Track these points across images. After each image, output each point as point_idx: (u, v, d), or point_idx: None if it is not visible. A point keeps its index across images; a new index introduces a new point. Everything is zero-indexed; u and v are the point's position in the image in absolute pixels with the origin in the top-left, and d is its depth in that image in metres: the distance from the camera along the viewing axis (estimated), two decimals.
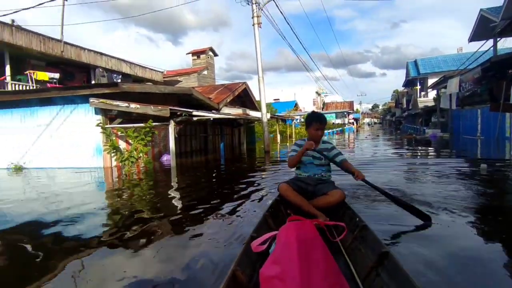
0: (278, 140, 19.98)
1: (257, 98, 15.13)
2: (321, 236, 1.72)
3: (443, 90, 20.85)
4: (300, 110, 45.43)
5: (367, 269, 1.61)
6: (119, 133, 8.21)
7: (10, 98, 8.46)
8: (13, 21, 11.93)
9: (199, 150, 13.61)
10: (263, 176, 5.96)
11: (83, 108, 8.17)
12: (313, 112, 3.22)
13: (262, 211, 2.81)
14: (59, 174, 7.72)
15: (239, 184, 5.24)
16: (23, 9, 10.97)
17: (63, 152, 8.54)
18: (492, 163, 6.15)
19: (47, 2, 10.52)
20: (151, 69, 17.85)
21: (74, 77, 13.62)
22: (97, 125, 7.65)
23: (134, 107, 7.23)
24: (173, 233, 2.86)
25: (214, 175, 6.97)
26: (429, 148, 11.54)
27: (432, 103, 27.47)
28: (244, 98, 18.43)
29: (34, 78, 11.21)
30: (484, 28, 16.26)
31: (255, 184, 5.06)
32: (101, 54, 14.08)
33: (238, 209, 3.48)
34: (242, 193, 4.42)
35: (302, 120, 34.53)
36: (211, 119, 9.89)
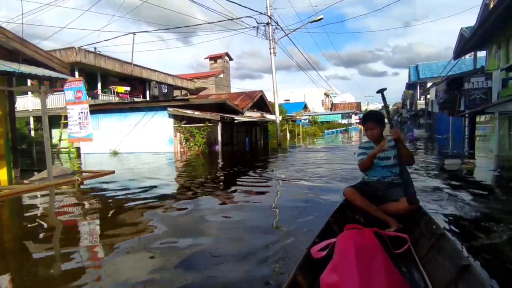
0: (288, 137, 24.26)
1: (272, 101, 19.48)
2: (382, 245, 1.64)
3: (428, 96, 24.71)
4: (309, 111, 49.41)
5: (445, 283, 1.52)
6: (181, 130, 12.73)
7: (114, 107, 13.12)
8: (95, 48, 16.65)
9: (228, 143, 18.05)
10: (278, 155, 10.40)
11: (161, 114, 12.72)
12: (366, 112, 3.09)
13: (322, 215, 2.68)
14: (143, 156, 12.23)
15: (261, 159, 9.67)
16: (106, 40, 15.68)
17: (146, 142, 13.12)
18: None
19: (121, 36, 15.14)
20: (187, 80, 22.57)
21: (136, 89, 18.37)
22: (177, 125, 12.20)
23: (197, 114, 11.72)
24: (217, 186, 6.76)
25: (245, 156, 11.43)
26: None
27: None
28: (260, 103, 22.80)
29: (115, 91, 15.93)
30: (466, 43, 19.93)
31: (272, 159, 9.48)
32: (154, 70, 18.78)
33: (261, 170, 7.86)
34: (264, 163, 8.85)
35: (311, 120, 38.65)
36: (236, 120, 14.29)
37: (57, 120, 14.53)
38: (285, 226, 3.01)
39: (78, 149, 14.38)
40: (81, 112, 6.08)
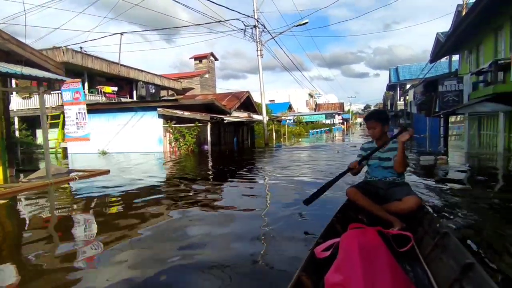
0: (274, 137, 24.79)
1: (258, 101, 19.93)
2: (386, 244, 1.63)
3: (407, 97, 25.84)
4: (294, 111, 50.20)
5: (449, 282, 1.52)
6: (172, 130, 12.95)
7: (102, 107, 13.15)
8: (81, 48, 16.54)
9: (216, 143, 18.31)
10: (266, 152, 10.83)
11: (151, 114, 12.87)
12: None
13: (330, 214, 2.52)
14: (133, 156, 12.37)
15: (251, 157, 10.06)
16: (92, 40, 15.65)
17: (135, 142, 13.23)
18: None
19: (108, 36, 15.15)
20: (174, 80, 22.67)
21: (123, 89, 18.33)
22: (168, 125, 12.40)
23: (187, 114, 11.97)
24: (208, 183, 7.50)
25: (233, 155, 11.79)
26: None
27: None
28: (247, 103, 23.17)
29: (102, 91, 15.89)
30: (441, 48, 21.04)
31: (261, 156, 9.89)
32: (141, 71, 18.81)
33: (251, 167, 8.27)
34: (253, 160, 9.26)
35: (296, 120, 39.38)
36: (225, 120, 14.63)
37: None
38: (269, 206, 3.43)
39: (65, 149, 14.29)
40: (79, 113, 6.27)
